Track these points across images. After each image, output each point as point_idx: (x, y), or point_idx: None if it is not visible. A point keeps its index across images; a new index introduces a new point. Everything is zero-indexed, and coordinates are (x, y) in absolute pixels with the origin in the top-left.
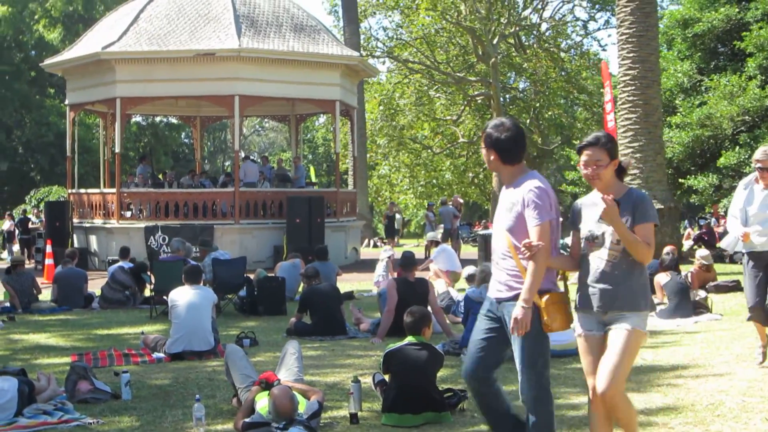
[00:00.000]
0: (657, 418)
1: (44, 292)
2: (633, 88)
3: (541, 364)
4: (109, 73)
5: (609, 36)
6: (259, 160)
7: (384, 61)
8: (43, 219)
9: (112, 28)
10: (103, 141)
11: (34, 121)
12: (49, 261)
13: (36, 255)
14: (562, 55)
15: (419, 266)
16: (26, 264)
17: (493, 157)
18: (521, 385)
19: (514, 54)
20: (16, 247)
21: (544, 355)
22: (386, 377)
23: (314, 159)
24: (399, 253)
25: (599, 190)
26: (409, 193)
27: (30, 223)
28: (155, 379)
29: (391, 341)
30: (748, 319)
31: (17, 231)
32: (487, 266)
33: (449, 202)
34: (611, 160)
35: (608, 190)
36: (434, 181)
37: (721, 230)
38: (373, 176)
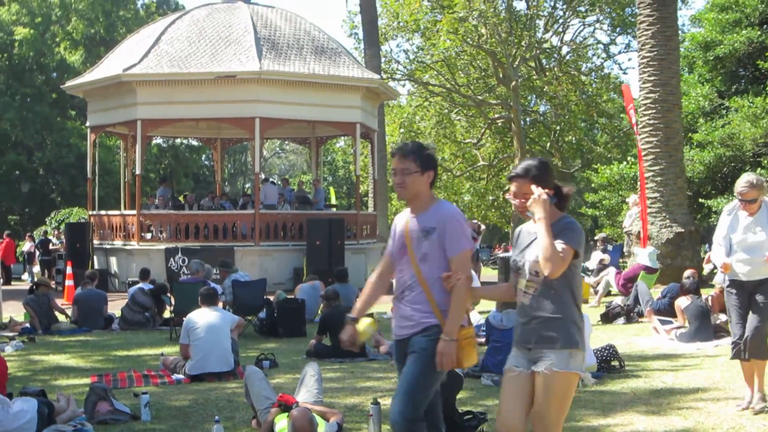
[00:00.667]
0: None
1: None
2: (654, 111)
3: (425, 397)
4: (130, 95)
5: (630, 60)
6: (279, 183)
7: (404, 84)
8: (64, 240)
9: (133, 50)
10: (123, 163)
11: (55, 142)
12: (69, 282)
13: (56, 276)
14: (583, 78)
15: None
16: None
17: (426, 179)
18: (398, 407)
19: (534, 77)
20: (37, 269)
21: (433, 386)
22: None
23: (334, 181)
24: None
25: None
26: None
27: (51, 244)
28: (175, 400)
29: None
30: (732, 357)
31: (38, 252)
32: None
33: (469, 224)
34: (547, 187)
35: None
36: (454, 203)
37: None
38: (393, 198)
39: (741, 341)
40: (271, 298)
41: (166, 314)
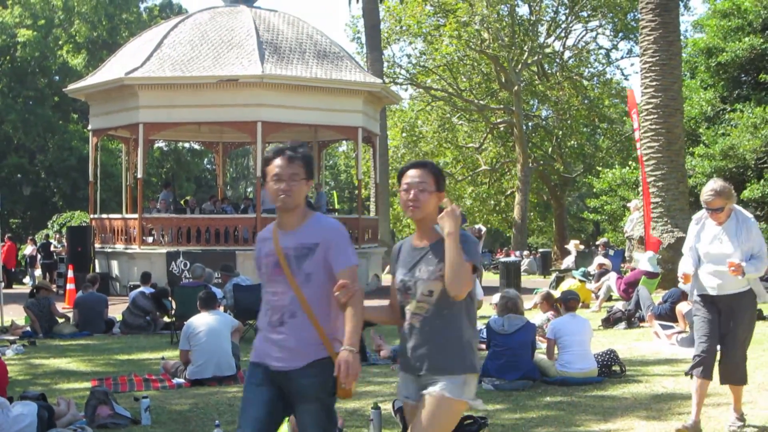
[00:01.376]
0: None
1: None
2: (656, 116)
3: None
4: (132, 99)
5: (632, 65)
6: None
7: (407, 88)
8: (65, 244)
9: (136, 53)
10: (125, 166)
11: (57, 146)
12: (70, 286)
13: (58, 280)
14: (585, 83)
15: None
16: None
17: (306, 186)
18: None
19: (536, 82)
20: (38, 272)
21: (335, 420)
22: None
23: (336, 185)
24: None
25: (416, 223)
26: None
27: (52, 247)
28: (175, 404)
29: None
30: (687, 372)
31: (39, 256)
32: (509, 294)
33: (468, 230)
34: (437, 191)
35: (428, 227)
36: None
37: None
38: (394, 203)
39: (703, 356)
40: None
41: (167, 318)
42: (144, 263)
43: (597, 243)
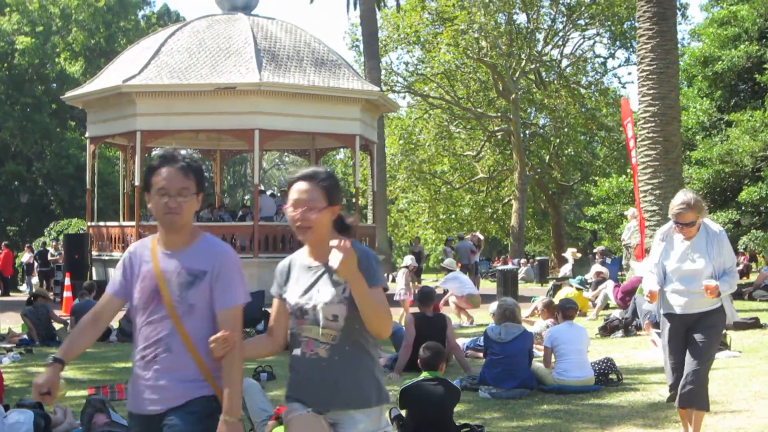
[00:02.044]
0: None
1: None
2: (653, 125)
3: None
4: (129, 107)
5: (629, 74)
6: (278, 194)
7: (404, 96)
8: (62, 251)
9: (133, 61)
10: (122, 174)
11: (54, 153)
12: (67, 294)
13: (55, 287)
14: (582, 91)
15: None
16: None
17: (195, 204)
18: None
19: (534, 90)
20: (35, 280)
21: None
22: (403, 413)
23: None
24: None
25: (310, 246)
26: (429, 227)
27: (49, 255)
28: None
29: (408, 376)
30: (668, 400)
31: (36, 263)
32: (506, 302)
33: (467, 237)
34: (329, 206)
35: (322, 246)
36: (453, 216)
37: (740, 268)
38: (392, 210)
39: (678, 386)
40: (269, 310)
41: None
42: None
43: (594, 251)
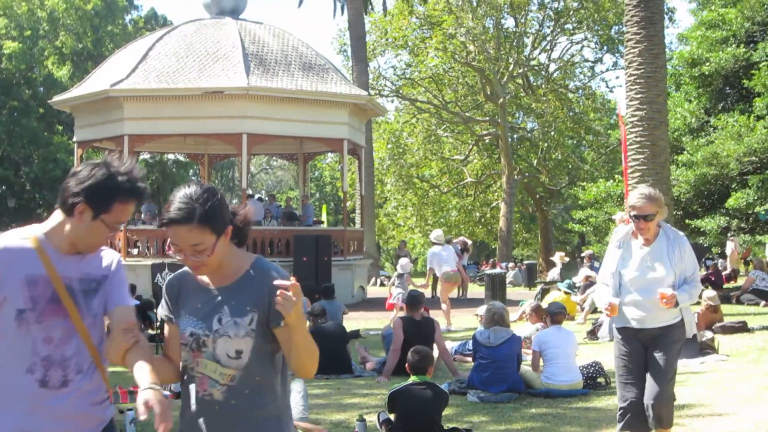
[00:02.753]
0: None
1: None
2: (640, 128)
3: None
4: (117, 111)
5: (617, 78)
6: (266, 199)
7: (392, 100)
8: None
9: (121, 65)
10: None
11: (42, 157)
12: None
13: None
14: (570, 95)
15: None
16: None
17: (88, 213)
18: None
19: (522, 94)
20: None
21: None
22: (391, 416)
23: (321, 197)
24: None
25: (207, 275)
26: (417, 231)
27: None
28: None
29: (396, 380)
30: (621, 428)
31: None
32: (495, 306)
33: (454, 241)
34: (218, 236)
35: (221, 269)
36: (441, 220)
37: (727, 272)
38: (380, 215)
39: (631, 405)
40: None
41: (152, 331)
42: (129, 275)
43: (582, 255)
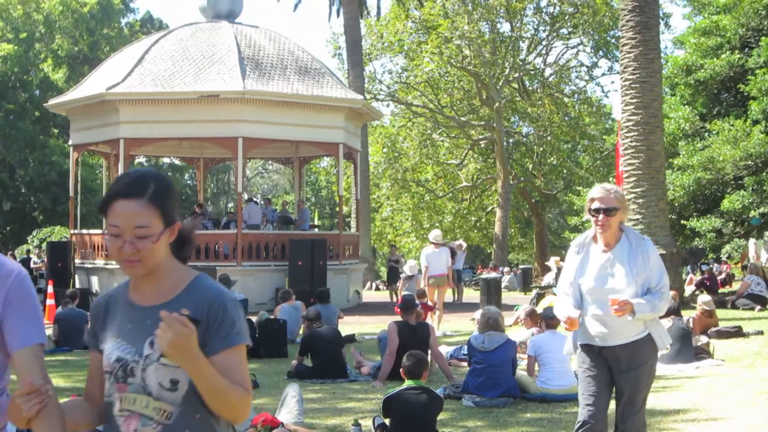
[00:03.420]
0: None
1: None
2: (636, 133)
3: None
4: (112, 114)
5: (612, 83)
6: (261, 203)
7: (388, 104)
8: (45, 259)
9: (117, 69)
10: (106, 182)
11: (38, 160)
12: (50, 301)
13: (37, 295)
14: (566, 100)
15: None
16: None
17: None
18: None
19: (517, 98)
20: None
21: None
22: (386, 421)
23: (317, 201)
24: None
25: (143, 283)
26: (412, 235)
27: (32, 263)
28: None
29: (391, 385)
30: None
31: None
32: (490, 311)
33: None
34: (167, 227)
35: (157, 281)
36: (437, 224)
37: (722, 276)
38: (375, 219)
39: (590, 425)
40: (253, 318)
41: None
42: (124, 279)
43: None
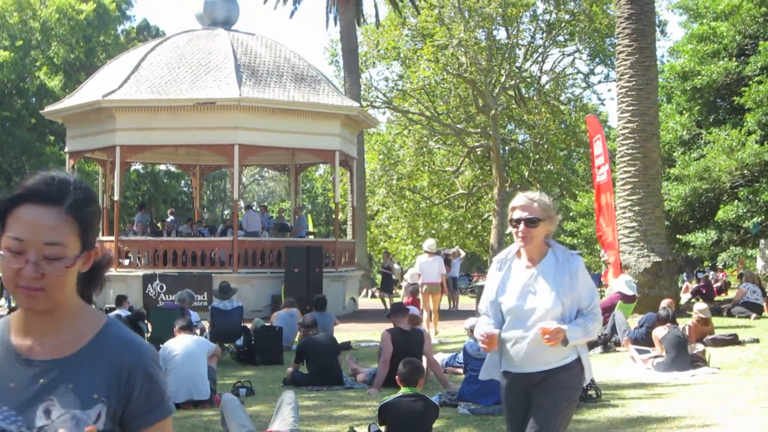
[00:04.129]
0: None
1: None
2: (632, 141)
3: None
4: (109, 121)
5: (609, 90)
6: (257, 210)
7: (384, 112)
8: None
9: (113, 76)
10: (102, 189)
11: (34, 167)
12: None
13: None
14: (562, 107)
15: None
16: None
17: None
18: None
19: (513, 106)
20: None
21: None
22: (382, 428)
23: (313, 208)
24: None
25: (36, 325)
26: (408, 242)
27: None
28: None
29: (387, 392)
30: None
31: None
32: None
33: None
34: (84, 251)
35: (61, 330)
36: (433, 231)
37: (719, 284)
38: (371, 226)
39: None
40: (249, 325)
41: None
42: (120, 286)
43: None
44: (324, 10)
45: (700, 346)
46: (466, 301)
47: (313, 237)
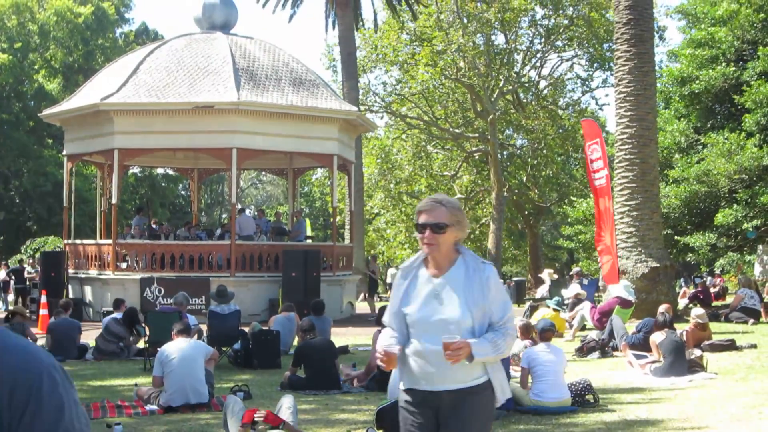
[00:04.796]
0: None
1: (38, 342)
2: (630, 146)
3: None
4: (107, 125)
5: (607, 95)
6: (255, 213)
7: (382, 116)
8: (39, 269)
9: (112, 79)
10: (100, 192)
11: (32, 170)
12: (43, 311)
13: (30, 305)
14: (560, 112)
15: None
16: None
17: None
18: None
19: (512, 111)
20: (11, 297)
21: None
22: None
23: (311, 212)
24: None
25: None
26: (406, 247)
27: (26, 273)
28: (148, 431)
29: (384, 396)
30: None
31: (12, 281)
32: None
33: None
34: None
35: None
36: None
37: (716, 290)
38: (369, 230)
39: None
40: (246, 329)
41: (141, 344)
42: (117, 289)
43: (571, 272)
44: (323, 14)
45: (697, 352)
46: None
47: (311, 241)
